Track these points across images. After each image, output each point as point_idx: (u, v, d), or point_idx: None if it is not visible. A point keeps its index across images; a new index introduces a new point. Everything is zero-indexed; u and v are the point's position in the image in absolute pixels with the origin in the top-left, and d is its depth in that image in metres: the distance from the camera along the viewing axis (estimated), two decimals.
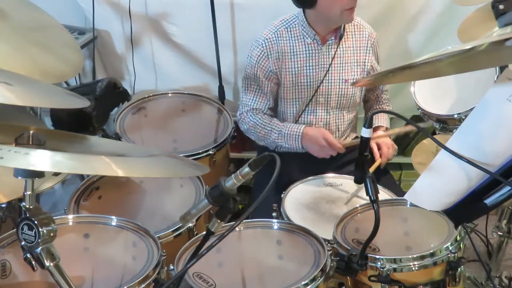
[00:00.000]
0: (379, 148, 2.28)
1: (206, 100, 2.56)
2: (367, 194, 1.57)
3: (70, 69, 1.74)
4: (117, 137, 2.21)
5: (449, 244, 1.60)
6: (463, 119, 1.77)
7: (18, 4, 1.77)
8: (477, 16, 1.90)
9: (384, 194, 2.06)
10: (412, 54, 2.76)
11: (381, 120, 2.38)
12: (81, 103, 1.41)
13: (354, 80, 2.29)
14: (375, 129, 2.34)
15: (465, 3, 2.06)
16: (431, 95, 1.97)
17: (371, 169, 2.14)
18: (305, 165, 2.32)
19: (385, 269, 1.58)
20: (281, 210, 1.98)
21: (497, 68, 1.72)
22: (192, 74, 2.87)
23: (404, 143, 2.94)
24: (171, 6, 2.71)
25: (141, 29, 2.79)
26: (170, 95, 2.61)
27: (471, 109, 1.52)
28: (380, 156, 2.27)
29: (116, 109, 2.14)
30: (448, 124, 1.89)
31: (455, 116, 1.83)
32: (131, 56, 2.84)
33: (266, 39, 2.26)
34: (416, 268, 1.59)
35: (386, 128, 2.36)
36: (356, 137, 2.44)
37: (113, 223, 1.69)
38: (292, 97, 2.31)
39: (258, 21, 2.53)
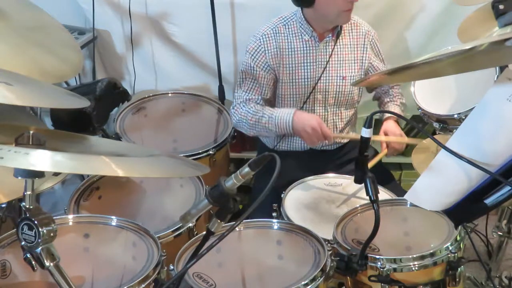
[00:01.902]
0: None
1: (206, 100, 2.56)
2: (367, 194, 1.56)
3: (70, 69, 1.74)
4: (117, 137, 2.21)
5: (449, 244, 1.61)
6: (463, 119, 1.77)
7: (18, 4, 1.77)
8: (477, 16, 1.90)
9: (384, 194, 2.05)
10: (412, 54, 2.76)
11: (393, 109, 2.34)
12: (81, 103, 1.41)
13: (352, 77, 2.29)
14: (386, 119, 2.32)
15: (465, 3, 2.06)
16: (431, 95, 1.97)
17: (375, 160, 2.15)
18: (305, 164, 2.32)
19: (385, 269, 1.58)
20: (281, 210, 1.97)
21: (497, 68, 1.72)
22: (192, 74, 2.87)
23: None
24: (171, 6, 2.71)
25: (141, 29, 2.79)
26: (170, 95, 2.61)
27: (471, 109, 1.52)
28: (387, 147, 2.24)
29: (116, 109, 2.15)
30: (448, 124, 1.89)
31: (455, 116, 1.83)
32: (131, 56, 2.84)
33: (264, 34, 2.26)
34: (416, 268, 1.59)
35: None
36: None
37: (113, 223, 1.69)
38: (290, 94, 2.31)
39: (258, 21, 2.51)
